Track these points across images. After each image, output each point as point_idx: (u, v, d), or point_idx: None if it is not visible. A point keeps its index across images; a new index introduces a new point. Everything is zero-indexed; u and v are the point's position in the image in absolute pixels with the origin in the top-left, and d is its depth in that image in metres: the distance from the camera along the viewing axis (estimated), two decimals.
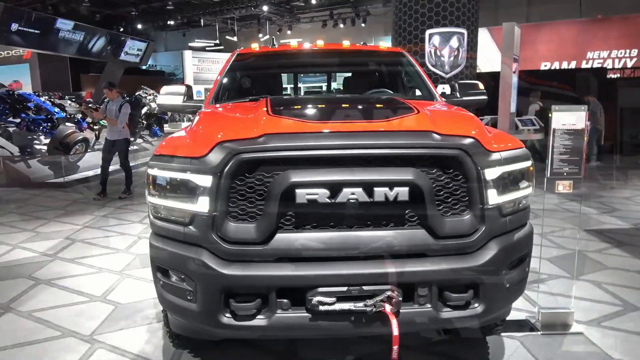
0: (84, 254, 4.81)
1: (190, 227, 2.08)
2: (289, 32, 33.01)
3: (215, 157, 2.00)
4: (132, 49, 18.31)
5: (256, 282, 2.00)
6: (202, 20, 28.90)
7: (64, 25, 14.43)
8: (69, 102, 11.72)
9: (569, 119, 2.94)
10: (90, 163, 10.18)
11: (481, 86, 3.64)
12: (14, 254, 4.87)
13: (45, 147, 9.74)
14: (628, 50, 21.55)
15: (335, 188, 1.95)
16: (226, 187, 1.99)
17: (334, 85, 4.99)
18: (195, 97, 3.66)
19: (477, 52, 12.46)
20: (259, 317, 2.04)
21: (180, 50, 36.93)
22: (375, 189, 1.95)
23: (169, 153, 2.17)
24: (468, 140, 2.04)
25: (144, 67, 31.49)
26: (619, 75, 20.47)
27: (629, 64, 21.43)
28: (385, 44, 3.62)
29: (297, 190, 1.95)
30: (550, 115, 2.93)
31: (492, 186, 2.08)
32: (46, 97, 10.74)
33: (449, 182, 2.07)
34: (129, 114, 7.46)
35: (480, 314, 2.10)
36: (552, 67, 22.57)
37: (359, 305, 1.98)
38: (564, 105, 2.94)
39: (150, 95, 13.46)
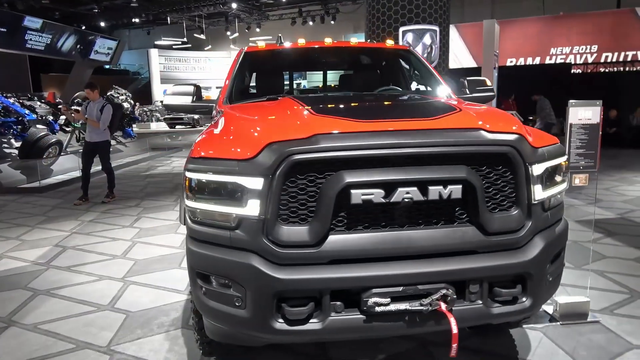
0: (79, 262, 4.62)
1: (238, 231, 2.01)
2: (257, 29, 32.74)
3: (266, 158, 1.94)
4: (103, 47, 17.72)
5: (311, 285, 1.95)
6: (168, 18, 28.23)
7: (32, 23, 13.81)
8: (38, 103, 11.23)
9: (585, 113, 3.01)
10: (64, 166, 9.80)
11: (489, 82, 3.70)
12: (3, 264, 4.63)
13: (16, 151, 9.30)
14: (589, 46, 22.40)
15: (390, 187, 1.93)
16: (278, 190, 1.93)
17: (331, 81, 4.97)
18: (162, 97, 3.58)
19: (449, 49, 12.70)
20: (312, 320, 2.00)
21: (145, 48, 36.11)
22: (430, 187, 1.94)
23: (212, 155, 2.09)
24: (516, 137, 2.06)
25: (107, 67, 30.54)
26: (580, 70, 21.22)
27: (590, 60, 22.27)
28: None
29: (353, 191, 1.91)
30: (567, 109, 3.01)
31: (538, 182, 2.11)
32: (14, 99, 10.25)
33: (498, 178, 2.08)
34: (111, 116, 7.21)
35: (528, 308, 2.13)
36: (517, 63, 23.24)
37: (415, 304, 1.97)
38: (580, 100, 3.01)
39: (122, 95, 13.07)
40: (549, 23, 23.24)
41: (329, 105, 2.67)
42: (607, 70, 20.59)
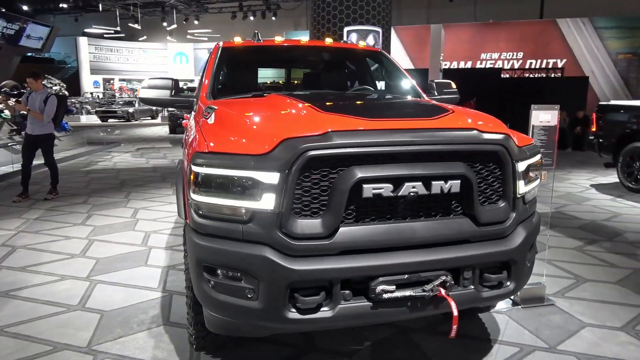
0: (34, 262, 4.37)
1: (251, 224, 2.06)
2: (195, 22, 31.90)
3: (282, 154, 2.00)
4: (36, 33, 16.45)
5: (325, 275, 2.04)
6: (100, 5, 26.77)
7: None
8: None
9: (544, 116, 3.33)
10: None
11: (453, 85, 3.96)
12: None
13: None
14: (515, 53, 23.99)
15: (398, 182, 2.07)
16: (293, 184, 2.00)
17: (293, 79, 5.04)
18: (93, 88, 3.53)
19: (390, 50, 13.15)
20: (323, 309, 2.09)
21: (73, 36, 33.96)
22: (433, 182, 2.10)
23: (223, 150, 2.12)
24: (505, 137, 2.27)
25: (29, 55, 28.40)
26: (508, 75, 22.69)
27: (516, 66, 23.86)
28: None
29: (364, 185, 2.03)
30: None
31: (521, 177, 2.34)
32: None
33: (489, 174, 2.28)
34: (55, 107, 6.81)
35: (512, 291, 2.37)
36: (451, 67, 24.42)
37: (418, 290, 2.12)
38: (541, 105, 3.32)
39: (56, 85, 12.30)
40: (480, 30, 24.60)
41: (331, 104, 2.76)
42: (532, 76, 22.17)
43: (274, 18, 30.55)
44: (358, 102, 2.99)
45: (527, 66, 23.58)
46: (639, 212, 6.15)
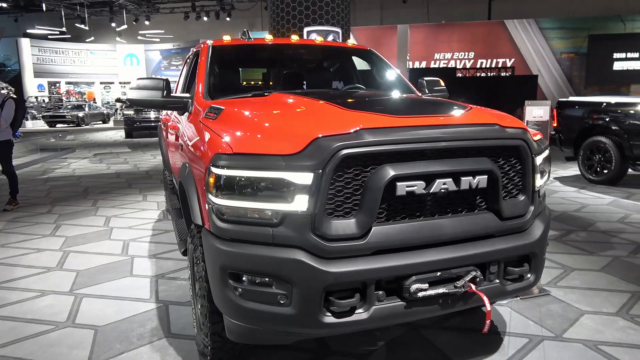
0: (6, 277, 4.07)
1: (282, 227, 1.99)
2: (146, 22, 30.91)
3: (314, 153, 1.94)
4: None
5: (360, 276, 2.00)
6: (43, 5, 25.42)
7: None
8: None
9: (538, 112, 3.42)
10: None
11: (442, 83, 4.01)
12: None
13: None
14: (467, 53, 24.78)
15: (429, 179, 2.05)
16: (326, 184, 1.94)
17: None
18: (37, 92, 3.36)
19: None
20: (357, 311, 2.05)
21: (13, 37, 32.03)
22: (462, 178, 2.10)
23: (249, 151, 2.03)
24: (524, 131, 2.31)
25: None
26: (461, 74, 23.41)
27: (468, 65, 24.66)
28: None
29: (398, 183, 2.00)
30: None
31: (538, 171, 2.38)
32: None
33: (510, 169, 2.31)
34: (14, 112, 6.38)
35: (532, 283, 2.41)
36: (406, 67, 24.93)
37: (450, 287, 2.12)
38: (534, 101, 3.41)
39: (4, 89, 11.56)
40: (433, 30, 25.24)
41: (351, 101, 2.71)
42: (484, 75, 22.96)
43: (228, 19, 30.09)
44: (376, 100, 2.96)
45: (478, 65, 24.43)
46: (604, 203, 6.47)
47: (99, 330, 3.12)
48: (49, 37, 30.61)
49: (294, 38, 3.78)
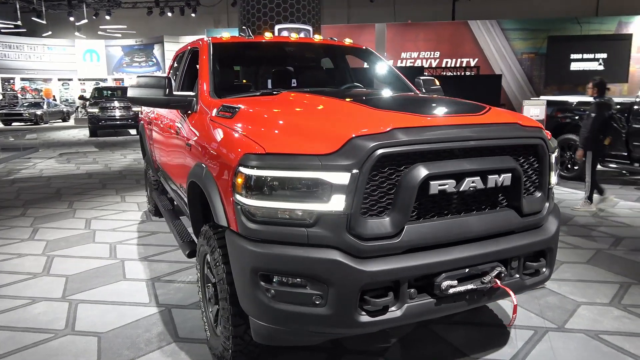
0: None
1: (317, 227, 1.98)
2: (107, 17, 29.91)
3: (351, 152, 1.94)
4: None
5: (395, 275, 2.01)
6: None
7: None
8: None
9: (534, 111, 3.54)
10: None
11: (437, 82, 4.08)
12: None
13: None
14: (432, 52, 25.26)
15: (459, 177, 2.09)
16: (363, 183, 1.95)
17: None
18: None
19: None
20: (391, 309, 2.06)
21: None
22: (489, 176, 2.15)
23: (282, 151, 2.01)
24: (541, 130, 2.38)
25: None
26: (427, 73, 23.84)
27: (434, 64, 25.15)
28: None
29: (431, 182, 2.03)
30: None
31: (553, 168, 2.47)
32: None
33: (529, 167, 2.38)
34: None
35: (547, 277, 2.49)
36: None
37: (478, 283, 2.17)
38: (531, 100, 3.52)
39: None
40: (400, 30, 25.59)
41: (375, 100, 2.71)
42: (450, 74, 23.48)
43: (193, 15, 29.50)
44: (400, 99, 2.97)
45: (443, 65, 24.96)
46: (579, 197, 6.75)
47: (103, 337, 3.02)
48: (2, 31, 29.14)
49: (294, 36, 3.75)
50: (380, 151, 1.95)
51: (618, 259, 4.35)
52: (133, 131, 17.79)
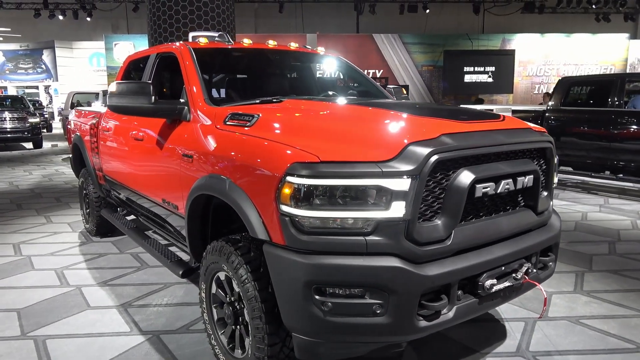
0: None
1: (375, 235, 1.95)
2: None
3: (409, 158, 1.94)
4: None
5: (451, 277, 2.05)
6: None
7: None
8: None
9: None
10: None
11: (404, 91, 4.25)
12: None
13: None
14: None
15: (497, 180, 2.19)
16: (421, 189, 1.96)
17: None
18: None
19: None
20: (443, 312, 2.10)
21: None
22: (519, 178, 2.29)
23: (338, 159, 1.95)
24: (547, 134, 2.58)
25: None
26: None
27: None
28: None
29: (477, 185, 2.10)
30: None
31: (555, 169, 2.69)
32: None
33: (540, 168, 2.56)
34: None
35: (553, 271, 2.70)
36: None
37: (512, 280, 2.29)
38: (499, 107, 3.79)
39: None
40: (310, 41, 26.12)
41: (408, 108, 2.73)
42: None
43: (88, 19, 27.49)
44: (422, 106, 3.01)
45: None
46: None
47: None
48: None
49: (271, 43, 3.67)
50: (436, 156, 1.98)
51: (563, 250, 4.81)
52: (29, 145, 16.04)
